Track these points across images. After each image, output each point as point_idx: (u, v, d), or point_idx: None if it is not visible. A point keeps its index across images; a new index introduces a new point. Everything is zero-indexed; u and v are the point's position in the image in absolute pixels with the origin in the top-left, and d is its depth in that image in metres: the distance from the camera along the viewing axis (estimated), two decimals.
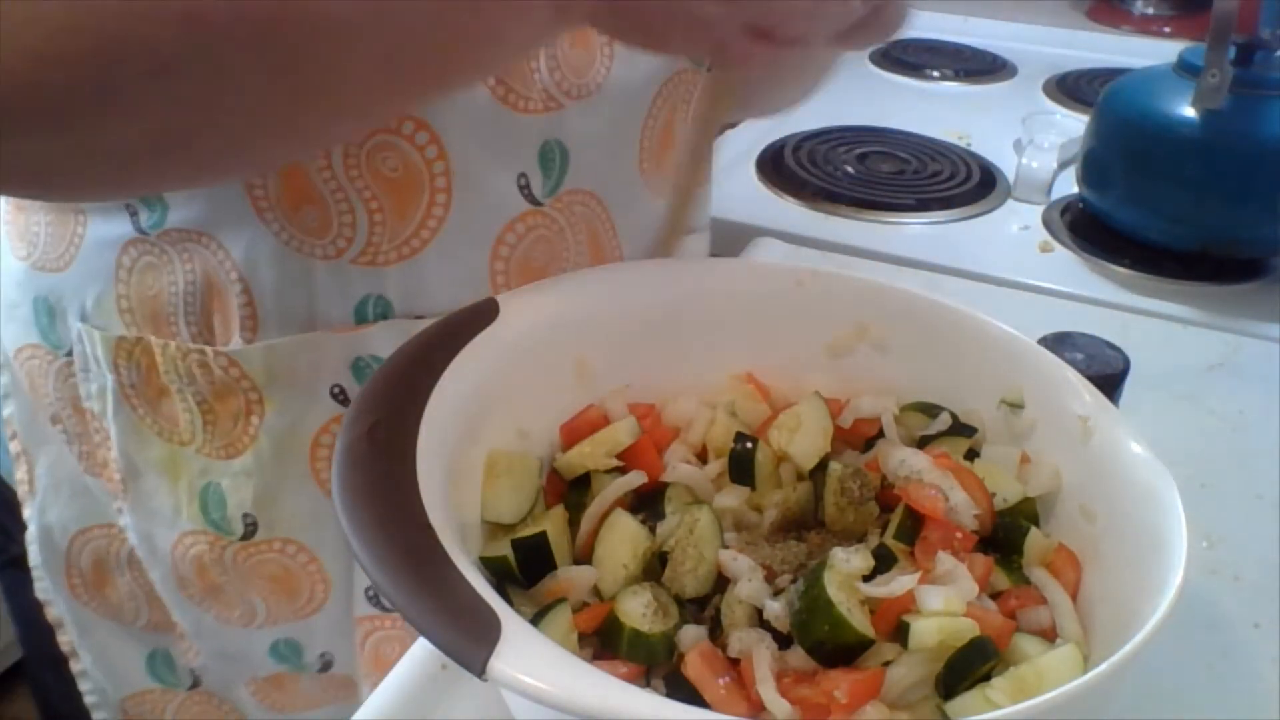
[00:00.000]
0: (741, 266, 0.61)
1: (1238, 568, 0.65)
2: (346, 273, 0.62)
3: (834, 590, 0.44)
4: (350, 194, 0.59)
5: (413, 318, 0.63)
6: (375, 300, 0.63)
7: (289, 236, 0.60)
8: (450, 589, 0.38)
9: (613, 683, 0.36)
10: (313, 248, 0.61)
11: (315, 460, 0.66)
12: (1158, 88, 1.00)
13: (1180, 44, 1.08)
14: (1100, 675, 0.38)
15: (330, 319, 0.63)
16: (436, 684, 0.55)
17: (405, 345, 0.51)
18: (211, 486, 0.67)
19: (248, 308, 0.62)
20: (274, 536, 0.68)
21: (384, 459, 0.44)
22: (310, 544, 0.69)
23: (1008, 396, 0.55)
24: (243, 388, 0.64)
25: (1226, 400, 0.66)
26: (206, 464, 0.67)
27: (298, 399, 0.65)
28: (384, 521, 0.41)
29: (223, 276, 0.62)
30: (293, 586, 0.70)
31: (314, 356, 0.64)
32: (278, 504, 0.67)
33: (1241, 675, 0.58)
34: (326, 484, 0.67)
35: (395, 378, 0.49)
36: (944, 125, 1.35)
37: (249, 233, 0.60)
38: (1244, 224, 0.97)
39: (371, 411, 0.46)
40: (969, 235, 1.10)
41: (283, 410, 0.65)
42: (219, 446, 0.66)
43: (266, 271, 0.61)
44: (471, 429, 0.50)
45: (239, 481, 0.67)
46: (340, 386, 0.65)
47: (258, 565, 0.69)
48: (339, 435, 0.45)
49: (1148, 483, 0.47)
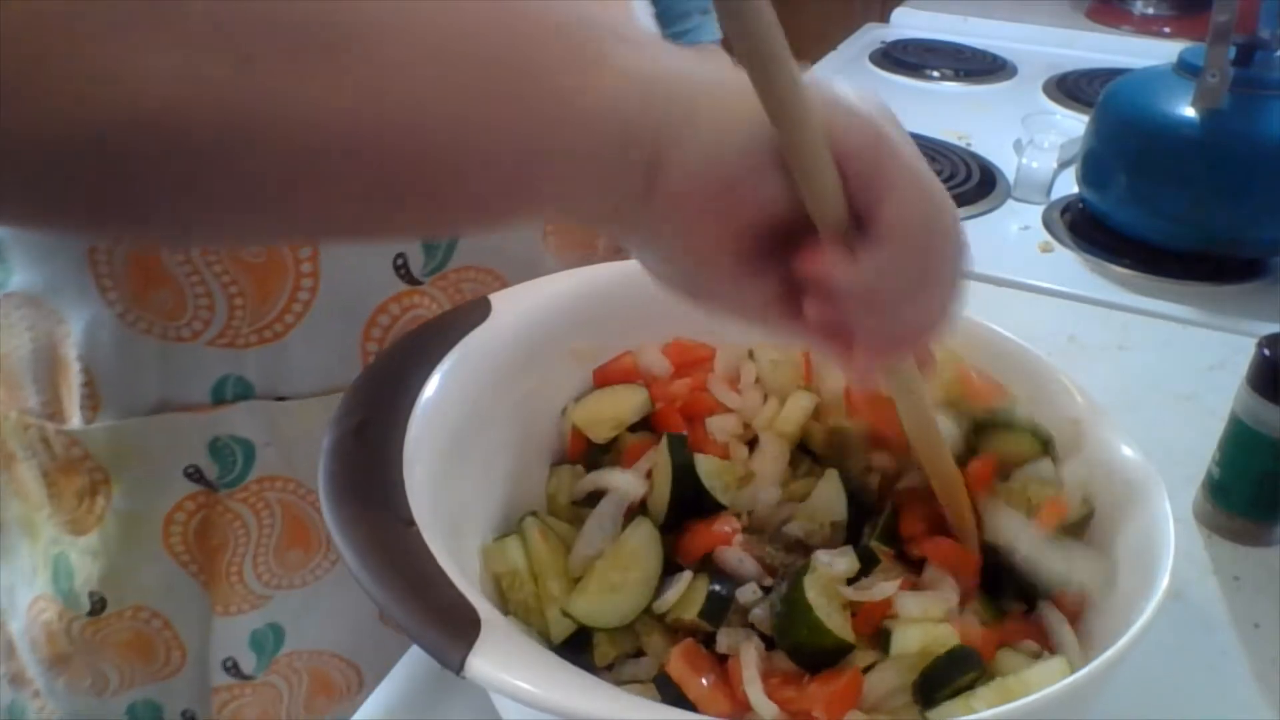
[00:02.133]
0: None
1: (1237, 568, 0.65)
2: (202, 354, 0.58)
3: (814, 594, 0.44)
4: (207, 278, 0.56)
5: (276, 399, 0.61)
6: (235, 380, 0.60)
7: (135, 318, 0.57)
8: (431, 586, 0.38)
9: (592, 682, 0.36)
10: (164, 329, 0.57)
11: (169, 538, 0.64)
12: (1158, 88, 1.00)
13: (1180, 44, 1.07)
14: (1079, 680, 0.38)
15: (184, 398, 0.60)
16: (436, 684, 0.55)
17: (398, 341, 0.51)
18: (62, 557, 0.65)
19: (88, 386, 0.59)
20: (125, 607, 0.65)
21: (370, 456, 0.44)
22: (165, 611, 0.66)
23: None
24: (87, 467, 0.61)
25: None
26: (56, 534, 0.65)
27: (148, 481, 0.62)
28: (367, 518, 0.41)
29: (65, 350, 0.59)
30: (147, 652, 0.67)
31: (166, 438, 0.60)
32: (127, 581, 0.65)
33: (1241, 675, 0.58)
34: (181, 557, 0.65)
35: (385, 375, 0.49)
36: (944, 125, 1.35)
37: (90, 311, 0.57)
38: (1244, 224, 0.97)
39: (360, 408, 0.46)
40: (969, 235, 1.09)
41: (130, 492, 0.62)
42: (64, 522, 0.64)
43: (109, 352, 0.58)
44: (465, 425, 0.50)
45: (85, 560, 0.64)
46: (196, 467, 0.62)
47: (108, 636, 0.66)
48: (326, 431, 0.45)
49: (1138, 487, 0.47)
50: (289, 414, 0.62)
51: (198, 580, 0.66)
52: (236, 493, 0.64)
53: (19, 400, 0.62)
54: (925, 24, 1.77)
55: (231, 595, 0.66)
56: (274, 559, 0.66)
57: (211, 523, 0.64)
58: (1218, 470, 0.67)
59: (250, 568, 0.66)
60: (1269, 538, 0.67)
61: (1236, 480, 0.66)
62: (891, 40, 1.70)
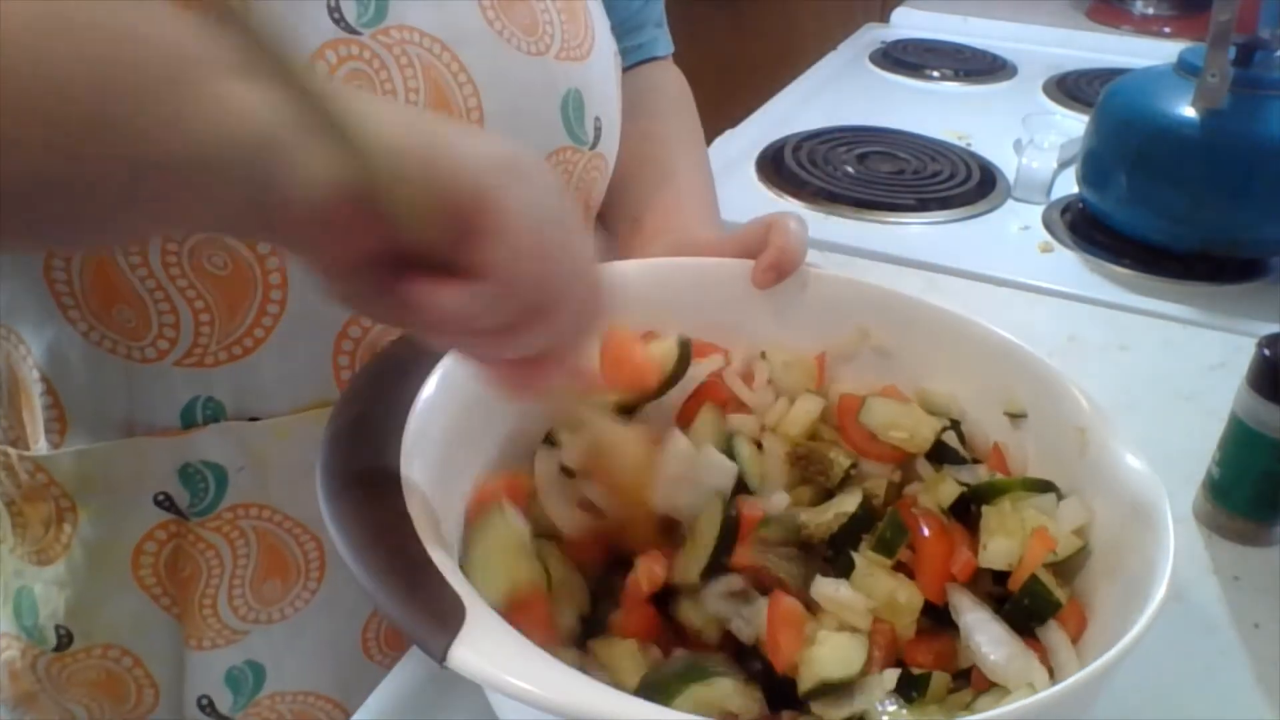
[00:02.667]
0: (742, 268, 0.61)
1: (1237, 568, 0.65)
2: (169, 375, 0.57)
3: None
4: (171, 293, 0.54)
5: (248, 419, 0.59)
6: (205, 402, 0.58)
7: (100, 337, 0.55)
8: (420, 576, 0.39)
9: (574, 676, 0.36)
10: (129, 349, 0.55)
11: (138, 569, 0.62)
12: (1158, 88, 1.00)
13: (1180, 44, 1.08)
14: (1063, 690, 0.38)
15: (152, 423, 0.58)
16: (436, 684, 0.55)
17: (398, 339, 0.51)
18: (24, 591, 0.63)
19: (53, 409, 0.57)
20: (93, 644, 0.63)
21: (369, 447, 0.44)
22: (135, 649, 0.64)
23: (1009, 407, 0.55)
24: (52, 494, 0.60)
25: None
26: (20, 566, 0.63)
27: (116, 508, 0.60)
28: (362, 509, 0.41)
29: (25, 372, 0.57)
30: (117, 691, 0.65)
31: (134, 464, 0.59)
32: (95, 614, 0.63)
33: (1241, 676, 0.58)
34: (151, 589, 0.63)
35: (386, 370, 0.49)
36: (944, 125, 1.35)
37: (52, 330, 0.55)
38: (1244, 224, 0.97)
39: (360, 402, 0.47)
40: (969, 235, 1.10)
41: (98, 519, 0.60)
42: (30, 551, 0.62)
43: (75, 373, 0.56)
44: (465, 420, 0.50)
45: (51, 591, 0.62)
46: (166, 494, 0.60)
47: (75, 674, 0.64)
48: (326, 423, 0.45)
49: (1141, 498, 0.47)
50: (262, 434, 0.60)
51: (170, 613, 0.64)
52: (209, 521, 0.61)
53: None
54: (925, 24, 1.77)
55: (205, 629, 0.64)
56: (250, 591, 0.64)
57: (183, 552, 0.62)
58: (1218, 470, 0.67)
59: (225, 600, 0.63)
60: (1269, 538, 0.67)
61: (1236, 480, 0.66)
62: (891, 40, 1.70)
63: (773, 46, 2.23)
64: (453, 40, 0.58)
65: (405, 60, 0.56)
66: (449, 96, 0.58)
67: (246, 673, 0.66)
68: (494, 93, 0.60)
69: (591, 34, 0.67)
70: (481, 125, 0.59)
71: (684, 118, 0.85)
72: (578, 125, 0.65)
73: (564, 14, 0.65)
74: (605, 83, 0.69)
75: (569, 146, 0.65)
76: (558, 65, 0.64)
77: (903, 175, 1.21)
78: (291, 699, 0.68)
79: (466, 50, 0.59)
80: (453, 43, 0.58)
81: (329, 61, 0.54)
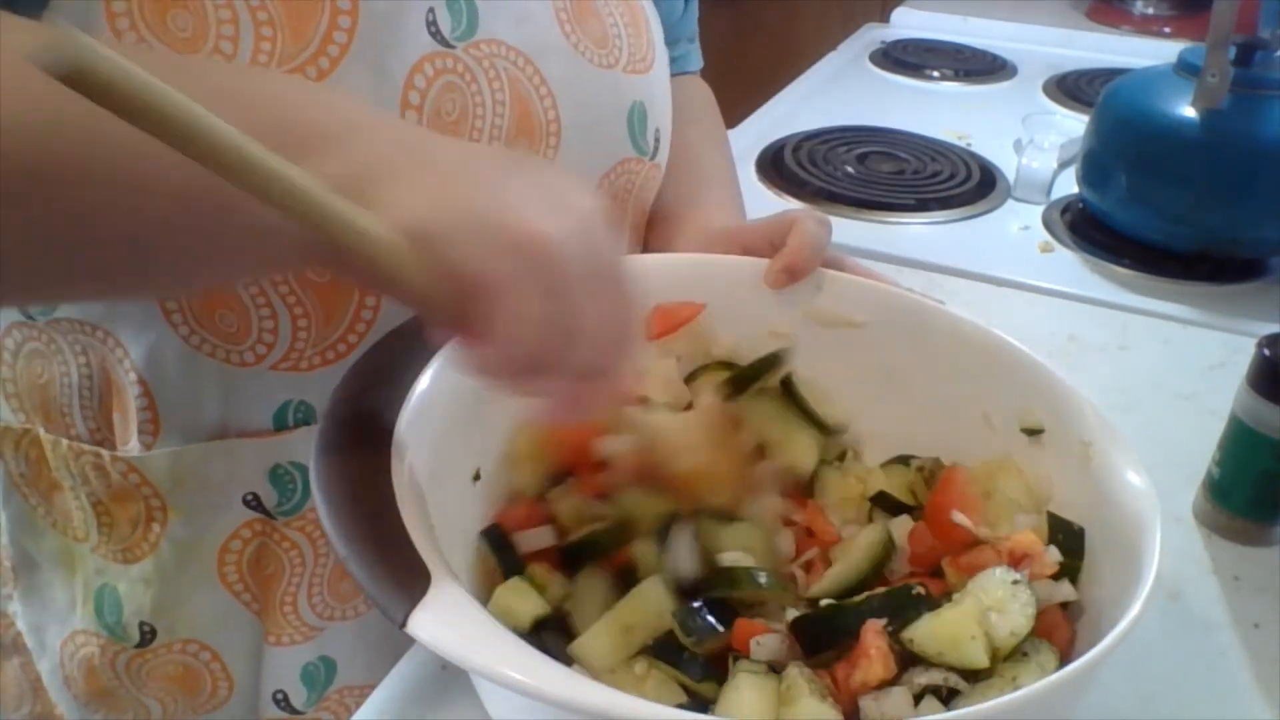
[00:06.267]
0: (753, 266, 0.61)
1: (1237, 568, 0.65)
2: (265, 378, 0.58)
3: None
4: (273, 299, 0.55)
5: None
6: (297, 405, 0.59)
7: (200, 340, 0.56)
8: (392, 543, 0.39)
9: (531, 652, 0.36)
10: (228, 352, 0.56)
11: (223, 566, 0.63)
12: (1158, 88, 1.00)
13: (1180, 44, 1.08)
14: (1050, 684, 0.38)
15: (245, 425, 0.59)
16: (436, 684, 0.55)
17: (406, 322, 0.52)
18: (107, 589, 0.64)
19: (148, 411, 0.58)
20: (174, 639, 0.65)
21: (366, 423, 0.45)
22: (214, 644, 0.66)
23: (1026, 423, 0.55)
24: (143, 494, 0.60)
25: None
26: (102, 564, 0.64)
27: (206, 508, 0.61)
28: (348, 476, 0.42)
29: (120, 375, 0.58)
30: (193, 684, 0.67)
31: (227, 464, 0.60)
32: (179, 611, 0.64)
33: (1241, 675, 0.58)
34: (234, 587, 0.64)
35: (394, 346, 0.50)
36: (944, 125, 1.35)
37: (153, 334, 0.56)
38: (1244, 224, 0.97)
39: (363, 377, 0.48)
40: (969, 235, 1.10)
41: (188, 519, 0.61)
42: (116, 550, 0.63)
43: (172, 376, 0.57)
44: (468, 400, 0.50)
45: (136, 588, 0.63)
46: (255, 494, 0.61)
47: (155, 668, 0.66)
48: (328, 399, 0.47)
49: (1132, 511, 0.47)
50: None
51: (250, 610, 0.65)
52: (294, 520, 0.63)
53: (63, 428, 0.61)
54: (925, 24, 1.77)
55: (284, 625, 0.65)
56: (327, 589, 0.65)
57: (268, 551, 0.63)
58: (1218, 470, 0.67)
59: (304, 598, 0.65)
60: (1269, 538, 0.67)
61: (1236, 480, 0.66)
62: (891, 40, 1.70)
63: (773, 46, 2.23)
64: (535, 53, 0.59)
65: (493, 74, 0.58)
66: (531, 109, 0.60)
67: (320, 668, 0.68)
68: (570, 105, 0.61)
69: (653, 46, 0.69)
70: (559, 138, 0.61)
71: (711, 126, 0.87)
72: (641, 137, 0.67)
73: (630, 27, 0.66)
74: (664, 94, 0.70)
75: (633, 158, 0.67)
76: (625, 78, 0.65)
77: (903, 175, 1.21)
78: (359, 693, 0.69)
79: (547, 63, 0.60)
80: (535, 56, 0.59)
81: (426, 75, 0.55)
